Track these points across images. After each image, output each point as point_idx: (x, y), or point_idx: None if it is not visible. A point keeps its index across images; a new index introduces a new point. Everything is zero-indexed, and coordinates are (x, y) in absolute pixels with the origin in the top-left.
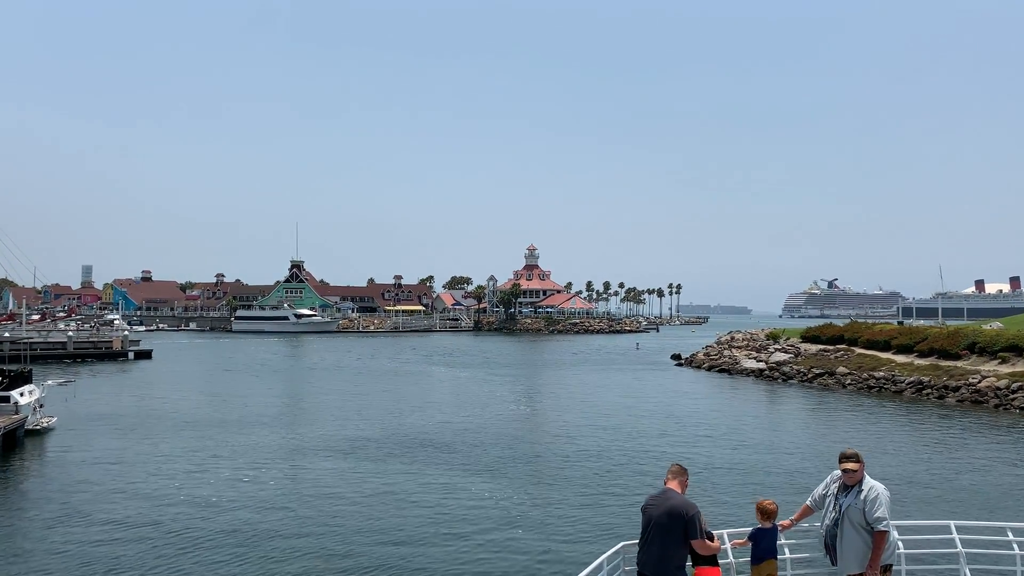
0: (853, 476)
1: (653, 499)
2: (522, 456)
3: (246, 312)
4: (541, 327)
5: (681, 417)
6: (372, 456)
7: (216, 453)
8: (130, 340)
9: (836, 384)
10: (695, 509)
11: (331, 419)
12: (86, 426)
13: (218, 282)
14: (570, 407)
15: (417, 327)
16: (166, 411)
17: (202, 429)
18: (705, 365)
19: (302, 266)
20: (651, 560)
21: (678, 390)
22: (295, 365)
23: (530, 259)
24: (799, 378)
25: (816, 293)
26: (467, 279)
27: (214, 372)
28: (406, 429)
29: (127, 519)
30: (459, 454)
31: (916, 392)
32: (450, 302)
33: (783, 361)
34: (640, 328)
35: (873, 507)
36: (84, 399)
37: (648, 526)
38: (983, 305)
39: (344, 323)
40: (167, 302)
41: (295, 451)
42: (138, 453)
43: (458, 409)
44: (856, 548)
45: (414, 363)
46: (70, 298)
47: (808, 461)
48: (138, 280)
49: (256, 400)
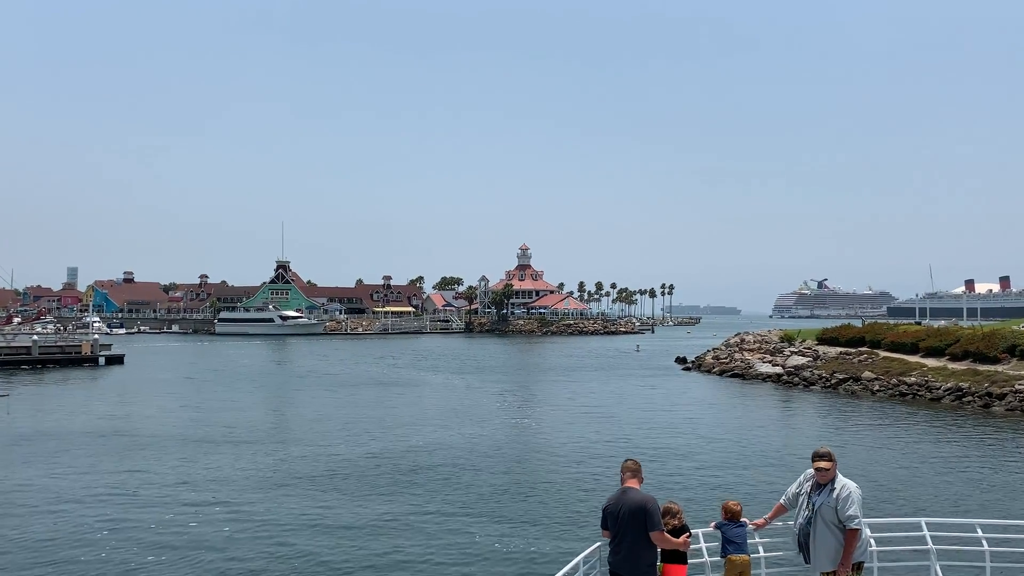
0: (826, 475)
1: (615, 499)
2: (531, 487)
3: (230, 314)
4: (534, 328)
5: (707, 433)
6: (351, 489)
7: (157, 482)
8: (101, 344)
9: (863, 390)
10: (654, 502)
11: (306, 439)
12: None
13: (202, 283)
14: (580, 422)
15: (407, 329)
16: (115, 427)
17: (150, 451)
18: (715, 369)
19: (288, 266)
20: (623, 560)
21: (693, 399)
22: (275, 372)
23: (523, 259)
24: (821, 384)
25: (806, 293)
26: (458, 279)
27: (185, 380)
28: (392, 453)
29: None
30: (454, 485)
31: (956, 400)
32: (440, 303)
33: (801, 365)
34: (634, 329)
35: (845, 505)
36: (22, 414)
37: (616, 526)
38: (973, 305)
39: (331, 325)
40: (149, 304)
41: (258, 482)
42: (49, 484)
43: (453, 426)
44: (829, 546)
45: (403, 368)
46: (50, 300)
47: (876, 487)
48: (120, 281)
49: (223, 415)
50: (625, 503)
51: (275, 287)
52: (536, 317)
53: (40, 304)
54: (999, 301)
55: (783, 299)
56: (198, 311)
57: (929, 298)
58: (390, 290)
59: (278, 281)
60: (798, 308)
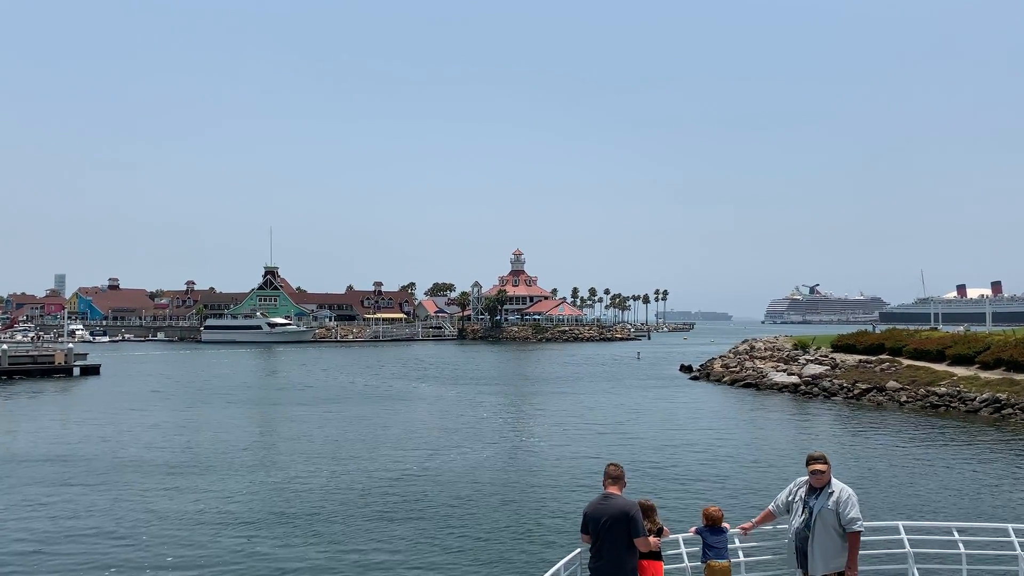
0: (821, 478)
1: (596, 505)
2: (542, 526)
3: (216, 321)
4: (529, 335)
5: (736, 454)
6: (332, 530)
7: (79, 527)
8: (76, 354)
9: (889, 401)
10: (636, 508)
11: (282, 465)
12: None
13: (188, 290)
14: (593, 443)
15: (398, 336)
16: (64, 452)
17: (93, 480)
18: (726, 379)
19: (276, 272)
20: (606, 565)
21: (710, 412)
22: (257, 384)
23: (516, 264)
24: (843, 394)
25: (798, 299)
26: (450, 285)
27: (159, 394)
28: (380, 482)
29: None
30: (452, 527)
31: (995, 412)
32: (433, 309)
33: (820, 374)
34: (630, 335)
35: (847, 508)
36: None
37: (597, 532)
38: (965, 310)
39: (321, 332)
40: (135, 311)
41: (221, 518)
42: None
43: (449, 450)
44: (829, 550)
45: (395, 378)
46: (33, 307)
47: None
48: (105, 288)
49: (191, 436)
50: (608, 509)
51: (263, 293)
52: (530, 323)
53: (23, 311)
54: (992, 306)
55: (775, 305)
56: (184, 318)
57: (921, 303)
58: (381, 296)
59: (266, 287)
60: (790, 314)
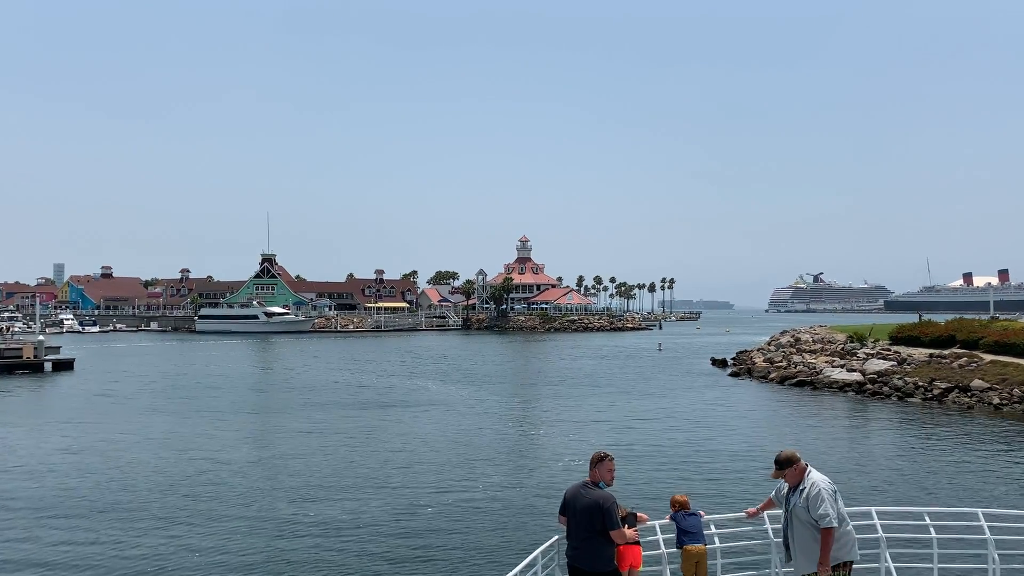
0: (793, 478)
1: (575, 491)
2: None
3: (211, 311)
4: (536, 325)
5: (867, 482)
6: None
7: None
8: (48, 347)
9: (978, 403)
10: (611, 500)
11: (259, 491)
12: None
13: (183, 278)
14: (658, 468)
15: (401, 326)
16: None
17: (25, 511)
18: (772, 376)
19: (274, 260)
20: (582, 555)
21: (779, 418)
22: (247, 383)
23: (522, 251)
24: (920, 395)
25: (802, 287)
26: (454, 274)
27: (138, 392)
28: (385, 518)
29: None
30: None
31: None
32: (436, 298)
33: (886, 371)
34: (640, 325)
35: (815, 504)
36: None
37: (574, 519)
38: (971, 299)
39: (320, 322)
40: (128, 300)
41: (177, 566)
42: None
43: (467, 475)
44: (805, 546)
45: (396, 375)
46: (24, 297)
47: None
48: (97, 276)
49: (156, 453)
50: (583, 499)
51: (260, 282)
52: (538, 312)
53: (15, 300)
54: (998, 294)
55: (779, 293)
56: (179, 308)
57: (927, 291)
58: (383, 285)
59: (264, 275)
60: (794, 302)
